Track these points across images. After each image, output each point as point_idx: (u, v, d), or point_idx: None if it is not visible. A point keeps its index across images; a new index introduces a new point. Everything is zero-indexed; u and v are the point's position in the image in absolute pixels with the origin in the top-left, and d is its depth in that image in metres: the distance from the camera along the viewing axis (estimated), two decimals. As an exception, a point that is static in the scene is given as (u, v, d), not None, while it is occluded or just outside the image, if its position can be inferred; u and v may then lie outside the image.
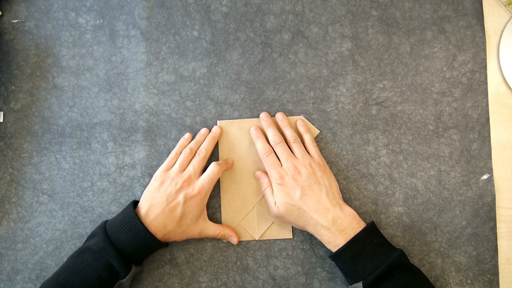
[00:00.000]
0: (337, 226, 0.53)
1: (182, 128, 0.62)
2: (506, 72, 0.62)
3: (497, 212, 0.60)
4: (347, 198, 0.61)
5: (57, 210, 0.62)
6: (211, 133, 0.61)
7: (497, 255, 0.59)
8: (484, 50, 0.62)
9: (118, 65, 0.63)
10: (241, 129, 0.62)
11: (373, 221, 0.55)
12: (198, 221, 0.58)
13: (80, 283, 0.51)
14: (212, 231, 0.59)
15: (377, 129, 0.62)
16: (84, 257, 0.53)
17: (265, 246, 0.61)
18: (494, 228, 0.60)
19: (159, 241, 0.55)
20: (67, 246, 0.61)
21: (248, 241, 0.61)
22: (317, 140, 0.62)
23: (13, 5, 0.64)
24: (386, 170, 0.61)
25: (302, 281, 0.60)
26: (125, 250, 0.53)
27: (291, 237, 0.61)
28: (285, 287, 0.60)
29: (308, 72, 0.63)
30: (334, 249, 0.53)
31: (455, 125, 0.61)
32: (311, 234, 0.57)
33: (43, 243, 0.61)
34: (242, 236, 0.61)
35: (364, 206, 0.61)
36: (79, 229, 0.61)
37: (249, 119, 0.62)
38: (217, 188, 0.61)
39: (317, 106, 0.62)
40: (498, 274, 0.59)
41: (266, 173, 0.59)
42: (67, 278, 0.52)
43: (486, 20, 0.63)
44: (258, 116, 0.62)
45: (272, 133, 0.59)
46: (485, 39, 0.62)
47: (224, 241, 0.61)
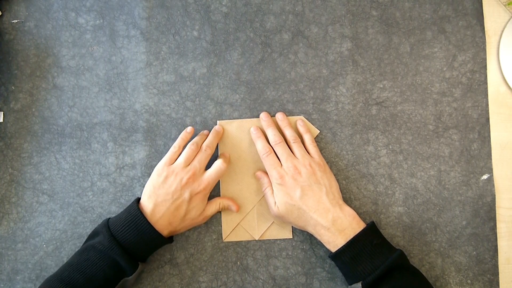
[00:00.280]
0: (337, 226, 0.54)
1: (182, 128, 0.62)
2: (506, 72, 0.62)
3: (497, 212, 0.60)
4: (347, 198, 0.61)
5: (57, 210, 0.62)
6: (215, 130, 0.60)
7: (497, 255, 0.59)
8: (484, 50, 0.62)
9: (118, 65, 0.63)
10: (241, 129, 0.62)
11: (373, 221, 0.55)
12: (201, 212, 0.58)
13: (85, 281, 0.51)
14: (213, 210, 0.59)
15: (377, 129, 0.62)
16: (89, 255, 0.53)
17: (265, 246, 0.61)
18: (494, 228, 0.60)
19: (165, 238, 0.55)
20: (67, 246, 0.61)
21: (248, 241, 0.61)
22: (317, 140, 0.62)
23: (13, 5, 0.64)
24: (386, 170, 0.61)
25: (302, 281, 0.60)
26: (131, 248, 0.53)
27: (291, 237, 0.61)
28: (285, 287, 0.60)
29: (308, 72, 0.63)
30: (334, 249, 0.53)
31: (455, 125, 0.61)
32: (311, 234, 0.57)
33: (43, 243, 0.61)
34: (242, 236, 0.61)
35: (364, 206, 0.61)
36: (79, 229, 0.61)
37: (249, 119, 0.62)
38: (217, 188, 0.61)
39: (317, 106, 0.62)
40: (498, 274, 0.59)
41: (266, 173, 0.59)
42: (71, 275, 0.52)
43: (486, 20, 0.63)
44: (258, 116, 0.62)
45: (272, 133, 0.59)
46: (485, 39, 0.62)
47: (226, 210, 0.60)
